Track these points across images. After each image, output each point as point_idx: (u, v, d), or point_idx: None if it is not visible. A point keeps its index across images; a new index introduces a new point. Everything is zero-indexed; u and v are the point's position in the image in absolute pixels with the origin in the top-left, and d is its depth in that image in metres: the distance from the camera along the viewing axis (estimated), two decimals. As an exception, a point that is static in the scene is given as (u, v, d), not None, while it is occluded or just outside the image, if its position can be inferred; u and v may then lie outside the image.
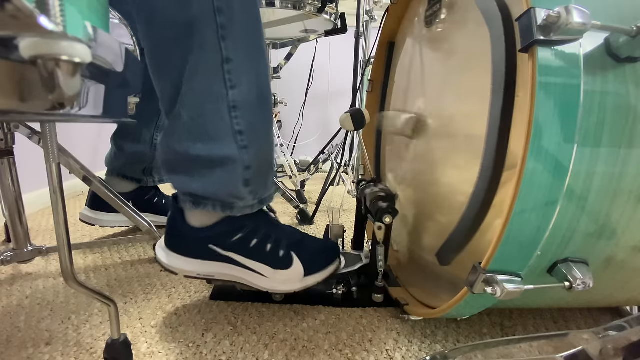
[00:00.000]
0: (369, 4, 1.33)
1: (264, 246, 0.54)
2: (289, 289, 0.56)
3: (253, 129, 0.51)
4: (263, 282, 0.55)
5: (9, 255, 0.65)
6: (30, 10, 0.17)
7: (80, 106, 0.24)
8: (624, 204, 0.36)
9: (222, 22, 0.46)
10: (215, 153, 0.49)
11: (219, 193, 0.51)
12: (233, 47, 0.47)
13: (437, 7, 0.57)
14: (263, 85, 0.52)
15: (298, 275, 0.55)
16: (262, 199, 0.55)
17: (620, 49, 0.34)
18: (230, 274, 0.55)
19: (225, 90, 0.47)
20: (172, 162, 0.53)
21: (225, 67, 0.47)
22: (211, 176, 0.50)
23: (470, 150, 0.46)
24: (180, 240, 0.54)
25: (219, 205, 0.52)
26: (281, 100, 1.24)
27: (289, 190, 1.14)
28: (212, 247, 0.53)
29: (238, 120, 0.49)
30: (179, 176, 0.53)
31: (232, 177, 0.51)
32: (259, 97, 0.51)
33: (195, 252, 0.54)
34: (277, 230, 0.57)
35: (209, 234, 0.53)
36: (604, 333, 0.36)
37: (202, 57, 0.46)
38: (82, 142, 1.41)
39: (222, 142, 0.49)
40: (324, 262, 0.58)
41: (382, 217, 0.55)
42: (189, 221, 0.54)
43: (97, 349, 0.49)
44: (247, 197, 0.52)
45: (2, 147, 0.61)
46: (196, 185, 0.51)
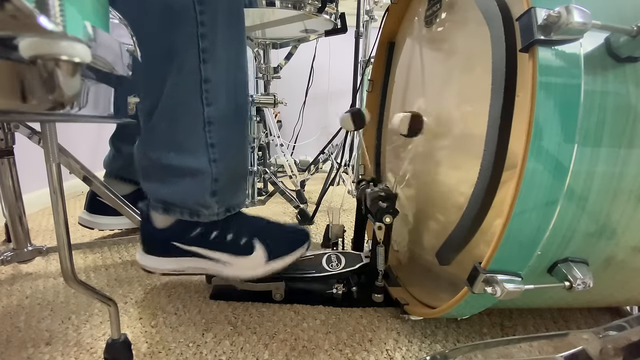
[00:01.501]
0: (369, 4, 1.33)
1: (223, 237, 0.56)
2: (254, 274, 0.57)
3: (225, 143, 0.53)
4: (229, 270, 0.57)
5: (9, 255, 0.65)
6: (30, 10, 0.17)
7: (80, 106, 0.24)
8: (624, 203, 0.36)
9: (205, 46, 0.48)
10: (186, 163, 0.52)
11: (187, 201, 0.54)
12: (213, 68, 0.49)
13: (437, 7, 0.57)
14: (240, 101, 0.55)
15: (261, 261, 0.57)
16: (229, 207, 0.57)
17: (621, 49, 0.34)
18: (199, 266, 0.57)
19: (201, 107, 0.50)
20: (145, 168, 0.56)
21: (204, 87, 0.49)
22: (181, 185, 0.53)
23: (470, 150, 0.46)
24: (150, 242, 0.58)
25: (186, 213, 0.55)
26: (281, 100, 1.24)
27: (289, 190, 1.14)
28: (175, 244, 0.56)
29: (211, 134, 0.51)
30: (152, 183, 0.56)
31: (200, 188, 0.53)
32: (235, 113, 0.54)
33: (163, 251, 0.57)
34: (237, 220, 0.59)
35: (170, 233, 0.56)
36: (604, 333, 0.36)
37: (182, 78, 0.49)
38: (82, 142, 1.41)
39: (194, 154, 0.52)
40: (290, 245, 0.59)
41: (382, 217, 0.55)
42: (154, 223, 0.57)
43: (97, 349, 0.49)
44: (213, 206, 0.55)
45: (2, 147, 0.61)
46: (166, 192, 0.54)
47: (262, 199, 1.26)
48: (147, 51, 0.49)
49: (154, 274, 0.57)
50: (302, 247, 0.61)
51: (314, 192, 1.52)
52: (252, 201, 1.26)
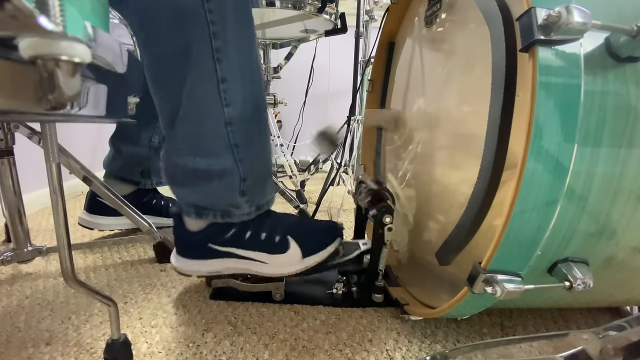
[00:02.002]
0: (369, 4, 1.33)
1: (258, 236, 0.57)
2: (290, 271, 0.58)
3: (248, 142, 0.53)
4: (265, 268, 0.58)
5: (9, 255, 0.65)
6: (29, 10, 0.17)
7: (80, 106, 0.24)
8: (624, 203, 0.36)
9: (218, 45, 0.48)
10: (213, 166, 0.52)
11: (218, 203, 0.55)
12: (228, 68, 0.49)
13: (437, 7, 0.57)
14: (257, 99, 0.54)
15: (296, 257, 0.57)
16: (259, 205, 0.58)
17: (621, 49, 0.34)
18: (234, 266, 0.58)
19: (221, 108, 0.50)
20: (173, 175, 0.56)
21: (221, 87, 0.49)
22: (210, 188, 0.54)
23: (470, 150, 0.46)
24: (185, 245, 0.59)
25: (219, 214, 0.55)
26: (281, 100, 1.24)
27: (289, 190, 1.14)
28: (211, 246, 0.56)
29: (234, 135, 0.51)
30: (180, 188, 0.56)
31: (229, 189, 0.54)
32: (254, 111, 0.54)
33: (199, 254, 0.57)
34: (270, 219, 0.59)
35: (206, 235, 0.57)
36: (604, 333, 0.36)
37: (199, 79, 0.49)
38: (82, 142, 1.41)
39: (220, 156, 0.52)
40: (323, 242, 0.60)
41: (382, 219, 0.55)
42: (187, 227, 0.57)
43: (97, 349, 0.49)
44: (244, 205, 0.55)
45: (2, 147, 0.61)
46: (197, 196, 0.55)
47: (262, 199, 1.26)
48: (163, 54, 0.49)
49: (190, 276, 0.58)
50: (335, 242, 0.61)
51: (314, 192, 1.52)
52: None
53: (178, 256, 0.59)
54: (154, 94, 0.53)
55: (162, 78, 0.51)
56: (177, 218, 0.58)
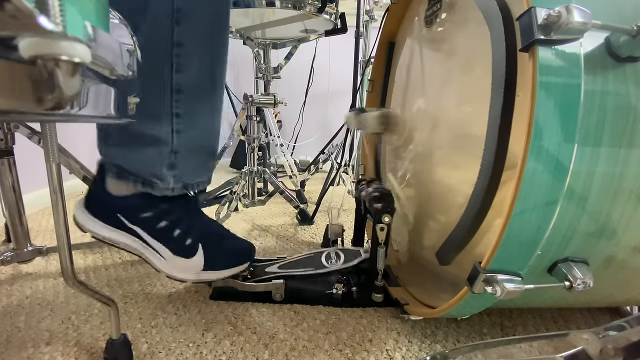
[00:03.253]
0: (369, 4, 1.33)
1: (171, 230, 0.54)
2: (183, 277, 0.56)
3: (193, 115, 0.51)
4: (160, 263, 0.55)
5: (9, 255, 0.65)
6: (29, 10, 0.17)
7: (80, 106, 0.24)
8: (624, 203, 0.36)
9: (179, 6, 0.45)
10: (147, 131, 0.50)
11: (142, 170, 0.52)
12: (187, 31, 0.47)
13: (437, 7, 0.57)
14: (215, 75, 0.52)
15: (196, 267, 0.56)
16: (187, 184, 0.55)
17: (621, 49, 0.34)
18: (132, 246, 0.54)
19: (170, 72, 0.48)
20: (104, 129, 0.53)
21: (175, 50, 0.47)
22: (139, 152, 0.51)
23: (470, 150, 0.46)
24: (95, 203, 0.54)
25: (139, 182, 0.52)
26: (281, 100, 1.24)
27: (289, 190, 1.14)
28: (119, 216, 0.53)
29: (178, 104, 0.49)
30: (110, 146, 0.53)
31: (158, 158, 0.51)
32: (208, 86, 0.51)
33: (104, 217, 0.53)
34: (191, 219, 0.57)
35: (121, 204, 0.53)
36: (604, 333, 0.36)
37: (151, 36, 0.46)
38: (82, 142, 1.41)
39: (156, 121, 0.49)
40: (229, 262, 0.58)
41: (381, 217, 0.55)
42: (107, 187, 0.53)
43: (97, 349, 0.49)
44: (169, 179, 0.52)
45: (2, 147, 0.61)
46: (123, 158, 0.52)
47: (262, 199, 1.26)
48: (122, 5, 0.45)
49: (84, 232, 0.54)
50: (240, 266, 0.59)
51: (314, 192, 1.52)
52: (252, 201, 1.25)
53: (83, 208, 0.54)
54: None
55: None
56: (100, 172, 0.54)
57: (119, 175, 0.52)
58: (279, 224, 1.09)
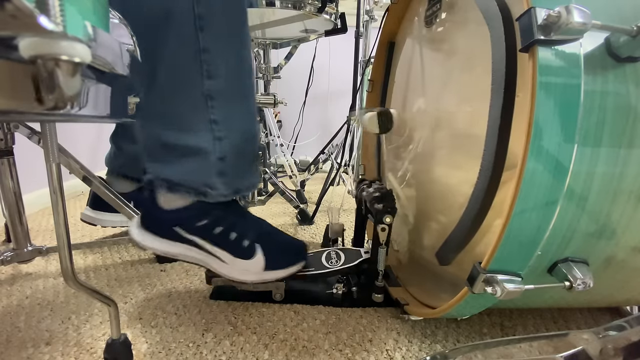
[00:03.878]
0: (369, 4, 1.33)
1: (227, 234, 0.55)
2: (245, 279, 0.57)
3: (230, 120, 0.51)
4: (223, 268, 0.56)
5: (9, 255, 0.65)
6: (30, 10, 0.17)
7: (80, 106, 0.24)
8: (624, 204, 0.36)
9: (200, 12, 0.45)
10: (188, 142, 0.50)
11: (192, 181, 0.52)
12: (212, 37, 0.47)
13: (437, 7, 0.57)
14: (244, 75, 0.52)
15: (258, 268, 0.56)
16: (238, 189, 0.55)
17: (621, 49, 0.34)
18: (193, 256, 0.55)
19: (201, 79, 0.47)
20: (148, 146, 0.53)
21: (202, 57, 0.47)
22: (185, 164, 0.51)
23: (470, 150, 0.46)
24: (150, 220, 0.55)
25: (192, 192, 0.52)
26: (281, 100, 1.24)
27: (289, 190, 1.14)
28: (176, 229, 0.54)
29: (214, 110, 0.49)
30: (155, 161, 0.53)
31: (205, 167, 0.51)
32: (239, 89, 0.51)
33: (162, 232, 0.54)
34: (245, 221, 0.57)
35: (175, 217, 0.54)
36: (604, 333, 0.36)
37: (178, 47, 0.46)
38: (82, 142, 1.41)
39: (196, 131, 0.49)
40: (288, 260, 0.59)
41: (382, 218, 0.55)
42: (159, 202, 0.54)
43: (97, 349, 0.49)
44: (220, 187, 0.52)
45: (2, 147, 0.61)
46: (170, 171, 0.52)
47: (262, 199, 1.26)
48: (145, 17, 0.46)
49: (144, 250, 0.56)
50: (298, 265, 0.60)
51: (314, 192, 1.52)
52: (252, 201, 1.26)
53: (140, 227, 0.55)
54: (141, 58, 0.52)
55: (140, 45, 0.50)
56: (150, 189, 0.54)
57: (170, 189, 0.52)
58: (279, 224, 1.09)
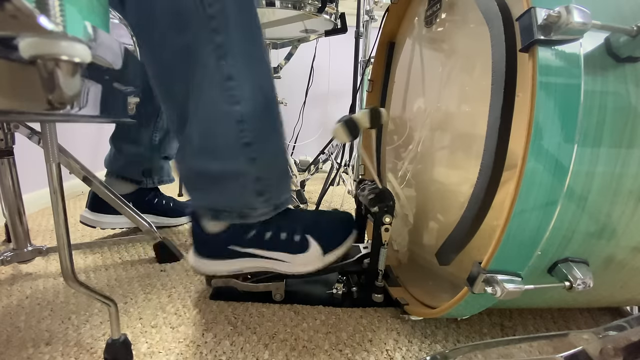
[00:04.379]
0: (369, 4, 1.33)
1: (278, 236, 0.57)
2: (312, 269, 0.58)
3: (261, 140, 0.52)
4: (286, 267, 0.58)
5: (9, 255, 0.65)
6: (30, 10, 0.17)
7: (80, 106, 0.24)
8: (624, 204, 0.36)
9: (220, 41, 0.46)
10: (226, 168, 0.52)
11: (234, 205, 0.54)
12: (233, 64, 0.48)
13: (437, 7, 0.57)
14: (267, 94, 0.52)
15: (317, 255, 0.58)
16: (277, 205, 0.57)
17: (621, 49, 0.34)
18: (256, 265, 0.58)
19: (229, 107, 0.49)
20: (188, 179, 0.56)
21: (228, 85, 0.48)
22: (225, 190, 0.53)
23: (470, 150, 0.46)
24: (204, 246, 0.58)
25: (236, 216, 0.54)
26: (281, 100, 1.24)
27: (289, 190, 1.14)
28: (232, 247, 0.56)
29: (245, 133, 0.50)
30: (196, 191, 0.56)
31: (245, 190, 0.53)
32: (265, 107, 0.52)
33: (219, 254, 0.57)
34: (288, 218, 0.59)
35: (226, 237, 0.57)
36: (604, 333, 0.36)
37: (204, 79, 0.48)
38: (82, 142, 1.41)
39: (233, 157, 0.51)
40: (340, 236, 0.60)
41: (382, 218, 0.55)
42: (205, 228, 0.57)
43: (97, 349, 0.49)
44: (261, 206, 0.55)
45: (2, 147, 0.61)
46: (212, 199, 0.54)
47: (262, 199, 1.26)
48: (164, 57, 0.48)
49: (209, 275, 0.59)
50: (351, 236, 0.61)
51: (314, 192, 1.52)
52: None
53: (197, 256, 0.58)
54: (161, 99, 0.53)
55: (166, 82, 0.51)
56: (195, 218, 0.57)
57: (214, 217, 0.55)
58: (279, 224, 1.08)
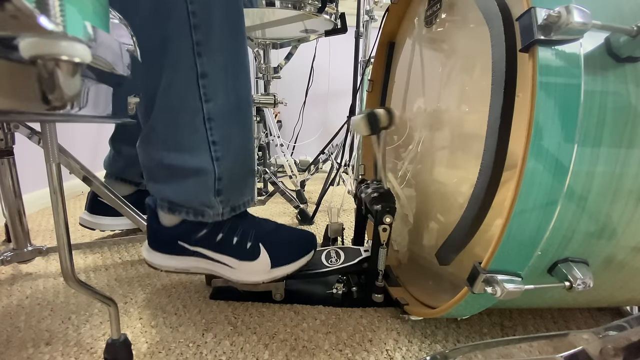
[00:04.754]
0: (369, 4, 1.33)
1: (229, 239, 0.56)
2: (256, 279, 0.57)
3: (228, 140, 0.52)
4: (231, 273, 0.57)
5: (9, 255, 0.65)
6: (30, 10, 0.17)
7: (80, 106, 0.24)
8: (624, 204, 0.36)
9: (199, 39, 0.46)
10: (188, 163, 0.51)
11: (191, 201, 0.53)
12: (209, 62, 0.48)
13: (437, 7, 0.57)
14: (241, 96, 0.53)
15: (265, 267, 0.57)
16: (235, 206, 0.57)
17: (621, 49, 0.34)
18: (203, 267, 0.57)
19: (200, 103, 0.49)
20: (148, 168, 0.55)
21: (201, 82, 0.48)
22: (184, 185, 0.53)
23: (470, 150, 0.46)
24: (156, 239, 0.57)
25: (191, 213, 0.54)
26: (281, 100, 1.24)
27: (289, 190, 1.14)
28: (180, 244, 0.56)
29: (213, 132, 0.50)
30: (156, 182, 0.55)
31: (204, 187, 0.53)
32: (236, 109, 0.52)
33: (169, 249, 0.56)
34: (244, 223, 0.58)
35: (178, 232, 0.56)
36: (604, 333, 0.36)
37: (176, 72, 0.48)
38: (82, 142, 1.41)
39: (196, 152, 0.51)
40: (294, 254, 0.59)
41: (382, 218, 0.55)
42: (161, 220, 0.56)
43: (97, 349, 0.49)
44: (218, 205, 0.54)
45: (2, 147, 0.61)
46: (170, 192, 0.54)
47: (262, 199, 1.26)
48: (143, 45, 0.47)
49: (158, 270, 0.58)
50: (306, 256, 0.60)
51: (314, 192, 1.52)
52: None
53: (149, 248, 0.57)
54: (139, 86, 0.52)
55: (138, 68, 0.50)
56: (151, 210, 0.56)
57: (170, 210, 0.54)
58: (279, 224, 1.09)
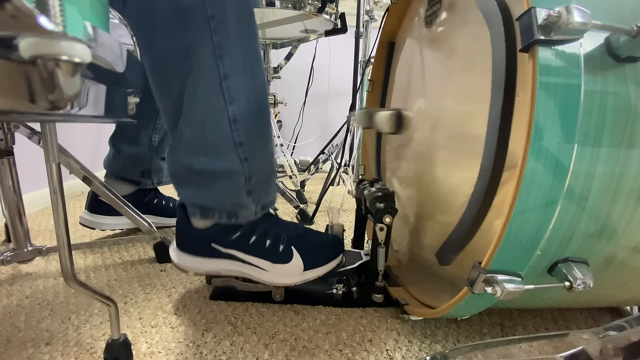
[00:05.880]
0: (369, 4, 1.33)
1: (263, 242, 0.56)
2: (289, 282, 0.58)
3: (253, 140, 0.53)
4: (264, 275, 0.57)
5: (9, 255, 0.65)
6: (30, 10, 0.17)
7: (80, 106, 0.24)
8: (624, 204, 0.36)
9: (219, 41, 0.47)
10: (218, 166, 0.52)
11: (224, 204, 0.54)
12: (230, 64, 0.49)
13: (437, 7, 0.57)
14: (261, 96, 0.54)
15: (298, 269, 0.57)
16: (265, 204, 0.57)
17: (621, 49, 0.34)
18: (234, 269, 0.57)
19: (224, 105, 0.49)
20: (178, 175, 0.56)
21: (224, 84, 0.49)
22: (216, 188, 0.53)
23: (470, 150, 0.46)
24: (187, 241, 0.58)
25: (224, 215, 0.54)
26: (281, 100, 1.25)
27: (289, 190, 1.14)
28: (214, 246, 0.56)
29: (238, 133, 0.51)
30: (186, 188, 0.56)
31: (235, 189, 0.53)
32: (258, 108, 0.53)
33: (200, 251, 0.57)
34: (276, 226, 0.59)
35: (210, 234, 0.56)
36: (604, 333, 0.36)
37: (201, 76, 0.48)
38: (82, 142, 1.41)
39: (224, 155, 0.52)
40: (326, 257, 0.59)
41: (382, 218, 0.55)
42: (193, 223, 0.57)
43: (97, 349, 0.49)
44: (251, 205, 0.55)
45: (2, 147, 0.61)
46: (202, 197, 0.54)
47: (262, 199, 1.26)
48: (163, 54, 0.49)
49: (186, 272, 0.58)
50: (337, 258, 0.61)
51: (314, 192, 1.52)
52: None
53: (178, 251, 0.57)
54: (156, 95, 0.53)
55: (163, 78, 0.51)
56: (183, 212, 0.56)
57: (203, 215, 0.55)
58: (279, 224, 1.08)
